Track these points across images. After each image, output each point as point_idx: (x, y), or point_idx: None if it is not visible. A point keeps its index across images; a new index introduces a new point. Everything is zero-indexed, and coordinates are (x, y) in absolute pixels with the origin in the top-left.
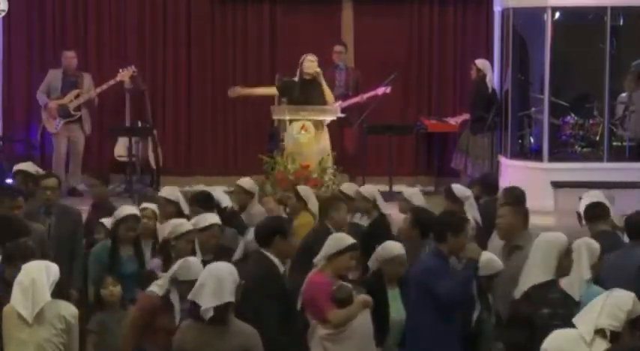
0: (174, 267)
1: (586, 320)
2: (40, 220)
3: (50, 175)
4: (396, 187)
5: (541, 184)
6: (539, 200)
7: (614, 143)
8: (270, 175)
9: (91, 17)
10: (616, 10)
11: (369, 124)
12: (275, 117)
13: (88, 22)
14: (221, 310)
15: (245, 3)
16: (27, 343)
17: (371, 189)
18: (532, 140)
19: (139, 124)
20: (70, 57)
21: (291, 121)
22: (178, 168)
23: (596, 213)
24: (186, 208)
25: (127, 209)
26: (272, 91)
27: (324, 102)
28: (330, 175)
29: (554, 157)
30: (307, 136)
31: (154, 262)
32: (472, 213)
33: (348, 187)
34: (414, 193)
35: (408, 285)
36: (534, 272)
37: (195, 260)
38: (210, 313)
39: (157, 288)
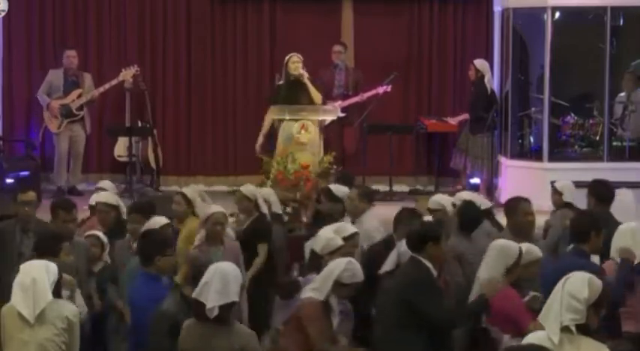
0: (338, 269)
1: (550, 318)
2: (17, 239)
3: (28, 188)
4: (396, 187)
5: (541, 184)
6: (539, 200)
7: (614, 143)
8: (270, 175)
9: (91, 17)
10: (616, 10)
11: (369, 123)
12: (275, 117)
13: (88, 22)
14: (226, 310)
15: (245, 3)
16: (28, 343)
17: (252, 189)
18: (532, 140)
19: (139, 124)
20: (71, 56)
21: (283, 120)
22: (178, 168)
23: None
24: (124, 214)
25: (160, 220)
26: (271, 115)
27: (311, 103)
28: (330, 175)
29: (554, 157)
30: (307, 135)
31: (308, 278)
32: None
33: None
34: (270, 193)
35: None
36: None
37: (357, 263)
38: (216, 312)
39: (315, 293)
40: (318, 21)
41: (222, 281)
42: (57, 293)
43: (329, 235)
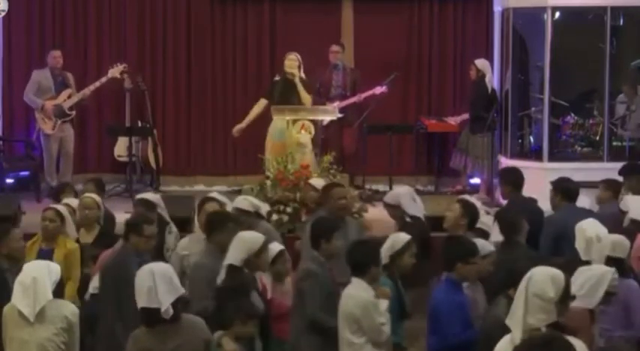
0: (607, 278)
1: (515, 321)
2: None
3: (150, 219)
4: (396, 187)
5: (541, 184)
6: (539, 200)
7: (614, 143)
8: (270, 175)
9: (91, 17)
10: (616, 10)
11: (369, 123)
12: (275, 117)
13: (88, 22)
14: (177, 305)
15: (245, 3)
16: (28, 343)
17: (97, 198)
18: (532, 140)
19: (139, 124)
20: (57, 56)
21: (275, 119)
22: (178, 168)
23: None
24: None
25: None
26: (262, 103)
27: (300, 103)
28: (330, 175)
29: (554, 157)
30: (307, 136)
31: None
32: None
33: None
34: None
35: None
36: None
37: None
38: (171, 311)
39: (581, 302)
40: (318, 21)
41: (166, 280)
42: (58, 293)
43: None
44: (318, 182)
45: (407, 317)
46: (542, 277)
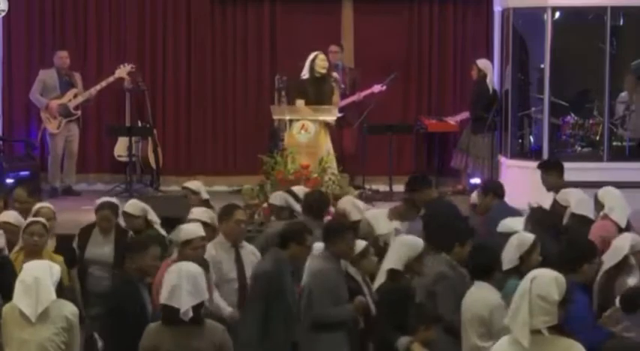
0: None
1: (519, 323)
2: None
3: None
4: (396, 187)
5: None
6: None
7: (614, 143)
8: (270, 176)
9: (91, 17)
10: (616, 10)
11: (369, 123)
12: (275, 117)
13: (88, 22)
14: (198, 309)
15: (245, 3)
16: (29, 343)
17: (52, 207)
18: (532, 140)
19: (139, 124)
20: (64, 56)
21: (291, 120)
22: (178, 168)
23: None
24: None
25: None
26: (300, 104)
27: (331, 102)
28: (331, 175)
29: (554, 156)
30: (307, 136)
31: None
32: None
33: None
34: None
35: None
36: None
37: None
38: (190, 314)
39: None
40: (318, 21)
41: (192, 282)
42: (58, 293)
43: None
44: (194, 185)
45: None
46: (547, 279)
